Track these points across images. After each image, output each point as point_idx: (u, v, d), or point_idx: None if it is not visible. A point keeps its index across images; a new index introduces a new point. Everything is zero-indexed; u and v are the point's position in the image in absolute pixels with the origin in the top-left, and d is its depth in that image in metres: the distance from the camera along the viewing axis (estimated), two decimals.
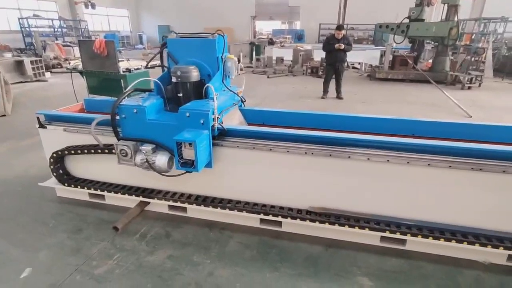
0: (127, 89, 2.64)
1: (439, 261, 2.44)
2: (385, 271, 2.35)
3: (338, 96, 8.25)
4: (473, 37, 11.41)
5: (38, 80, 10.52)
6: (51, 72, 12.06)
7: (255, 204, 2.70)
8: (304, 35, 23.28)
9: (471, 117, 6.52)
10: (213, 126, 2.45)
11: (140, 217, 2.99)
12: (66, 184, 3.13)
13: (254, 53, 15.11)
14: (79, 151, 2.93)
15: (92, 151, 2.87)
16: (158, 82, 2.80)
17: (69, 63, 9.13)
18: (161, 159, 2.53)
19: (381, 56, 13.00)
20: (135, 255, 2.51)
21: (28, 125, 3.62)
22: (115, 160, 2.58)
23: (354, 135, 2.45)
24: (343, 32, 7.82)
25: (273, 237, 2.71)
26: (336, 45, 7.61)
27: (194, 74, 2.71)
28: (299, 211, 2.61)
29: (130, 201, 3.03)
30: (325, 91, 8.37)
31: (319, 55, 11.85)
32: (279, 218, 2.62)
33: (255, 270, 2.36)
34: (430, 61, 11.78)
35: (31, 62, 10.41)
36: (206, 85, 2.67)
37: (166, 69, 2.89)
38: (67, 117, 3.06)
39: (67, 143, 3.00)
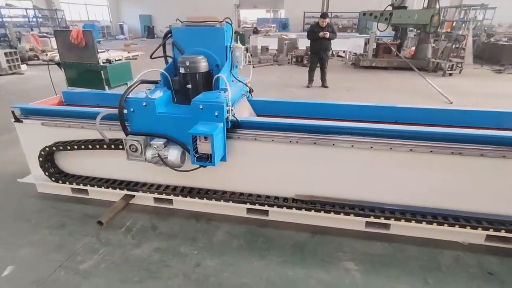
0: (134, 81, 2.52)
1: (421, 243, 2.51)
2: (370, 255, 2.41)
3: (323, 85, 8.28)
4: (454, 24, 11.57)
5: (14, 73, 10.10)
6: (27, 64, 11.60)
7: (241, 193, 2.70)
8: (289, 24, 23.12)
9: (452, 103, 6.67)
10: (227, 118, 2.37)
11: (125, 210, 2.95)
12: (60, 181, 3.02)
13: (238, 42, 14.89)
14: (82, 147, 2.79)
15: (97, 146, 2.75)
16: (165, 73, 2.68)
17: (46, 54, 8.78)
18: (173, 154, 2.44)
19: (365, 44, 13.09)
20: (121, 249, 2.48)
21: (5, 120, 3.47)
22: (101, 154, 2.51)
23: (338, 123, 2.47)
24: (328, 20, 7.80)
25: (260, 226, 2.73)
26: (321, 33, 7.58)
27: (203, 65, 2.59)
28: (285, 199, 2.62)
29: (114, 195, 2.98)
30: (310, 79, 8.38)
31: (304, 43, 11.80)
32: (266, 207, 2.63)
33: (242, 259, 2.37)
34: (413, 48, 11.93)
35: (5, 54, 9.97)
36: (217, 75, 2.57)
37: (171, 60, 2.76)
38: (45, 111, 2.95)
39: (46, 137, 2.89)
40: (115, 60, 5.27)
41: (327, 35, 7.58)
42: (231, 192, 2.72)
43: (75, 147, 2.80)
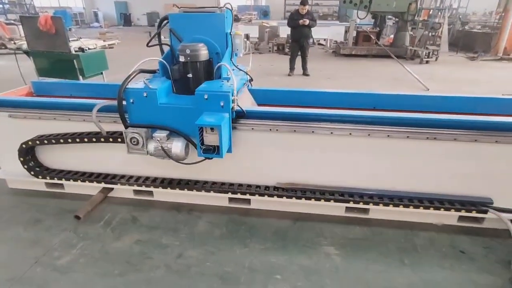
0: (132, 71, 2.37)
1: (398, 226, 2.60)
2: (349, 239, 2.47)
3: (304, 73, 8.29)
4: (430, 12, 11.80)
5: None
6: None
7: (223, 183, 2.69)
8: (270, 11, 22.86)
9: (428, 89, 6.85)
10: (232, 108, 2.28)
11: (104, 203, 2.87)
12: (40, 177, 2.89)
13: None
14: (77, 140, 2.64)
15: (93, 139, 2.62)
16: (164, 62, 2.56)
17: (15, 43, 8.30)
18: (177, 146, 2.35)
19: (346, 32, 13.14)
20: (100, 243, 2.43)
21: None
22: (78, 148, 2.39)
23: (317, 110, 2.48)
24: (307, 7, 7.76)
25: (242, 214, 2.73)
26: (301, 21, 7.55)
27: (204, 53, 2.48)
28: (267, 187, 2.63)
29: (92, 188, 2.89)
30: (292, 68, 8.37)
31: (285, 31, 11.72)
32: (248, 196, 2.63)
33: (225, 247, 2.38)
34: (392, 36, 12.12)
35: None
36: (219, 64, 2.48)
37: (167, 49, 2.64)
38: (12, 102, 2.79)
39: (13, 130, 2.75)
40: (89, 49, 5.03)
41: (307, 22, 7.55)
42: (212, 182, 2.70)
43: (69, 140, 2.66)
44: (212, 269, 2.19)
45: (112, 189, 2.91)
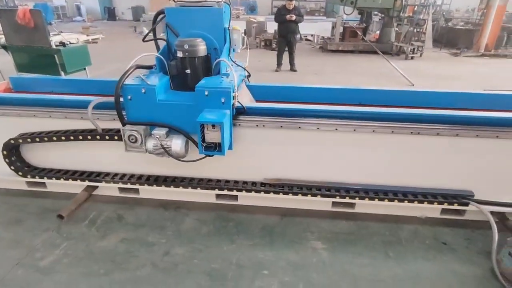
0: (129, 67, 2.29)
1: (383, 219, 2.64)
2: (336, 234, 2.50)
3: (292, 69, 8.30)
4: (415, 8, 11.97)
5: None
6: None
7: (210, 180, 2.67)
8: (257, 7, 22.72)
9: (413, 85, 6.97)
10: (233, 105, 2.25)
11: (88, 202, 2.82)
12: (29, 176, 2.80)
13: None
14: (71, 138, 2.56)
15: (89, 137, 2.55)
16: (161, 57, 2.49)
17: None
18: (177, 144, 2.30)
19: (333, 28, 13.20)
20: (85, 242, 2.38)
21: None
22: (61, 146, 2.31)
23: (304, 106, 2.48)
24: (294, 2, 7.75)
25: (230, 211, 2.72)
26: (287, 16, 7.54)
27: (202, 48, 2.43)
28: (254, 183, 2.63)
29: (75, 187, 2.82)
30: (279, 63, 8.36)
31: (272, 27, 11.67)
32: (235, 192, 2.62)
33: (212, 244, 2.37)
34: (378, 32, 12.24)
35: None
36: (218, 59, 2.43)
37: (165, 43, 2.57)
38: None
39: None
40: (70, 43, 4.88)
41: (294, 17, 7.55)
42: (199, 179, 2.68)
43: (62, 138, 2.57)
44: (199, 266, 2.18)
45: (96, 187, 2.85)
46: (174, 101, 2.31)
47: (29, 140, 2.60)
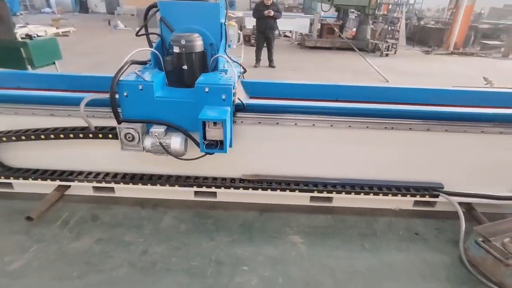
0: (124, 62, 2.19)
1: (360, 212, 2.72)
2: (314, 228, 2.54)
3: (270, 65, 8.32)
4: (389, 7, 12.30)
5: None
6: None
7: (188, 177, 2.63)
8: (235, 2, 22.52)
9: (388, 81, 7.18)
10: (233, 101, 2.21)
11: (60, 202, 2.70)
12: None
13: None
14: (61, 136, 2.42)
15: (80, 135, 2.42)
16: (157, 53, 2.40)
17: None
18: (176, 142, 2.23)
19: (310, 24, 13.33)
20: (57, 244, 2.29)
21: None
22: (26, 145, 2.18)
23: (282, 102, 2.49)
24: None
25: (209, 208, 2.71)
26: (266, 12, 7.54)
27: (199, 44, 2.37)
28: (233, 180, 2.62)
29: (46, 187, 2.70)
30: (258, 59, 8.36)
31: (251, 22, 11.62)
32: (213, 189, 2.61)
33: (191, 242, 2.35)
34: (354, 29, 12.48)
35: None
36: (216, 55, 2.39)
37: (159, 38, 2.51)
38: None
39: None
40: (37, 36, 4.63)
41: (272, 13, 7.56)
42: (177, 176, 2.63)
43: (51, 136, 2.43)
44: (178, 264, 2.15)
45: (69, 186, 2.74)
46: (172, 98, 2.24)
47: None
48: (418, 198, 2.63)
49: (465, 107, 2.57)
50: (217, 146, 2.14)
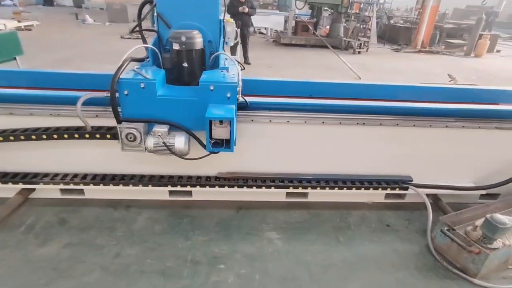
0: (123, 59, 2.08)
1: (334, 207, 2.78)
2: (290, 223, 2.57)
3: (245, 62, 8.30)
4: (361, 6, 12.63)
5: None
6: None
7: (162, 176, 2.57)
8: None
9: (360, 78, 7.38)
10: (238, 99, 2.17)
11: (24, 206, 2.56)
12: None
13: (155, 14, 13.77)
14: (54, 136, 2.28)
15: (76, 136, 2.29)
16: (156, 49, 2.32)
17: None
18: (180, 141, 2.17)
19: (285, 21, 13.43)
20: (21, 251, 2.16)
21: None
22: None
23: (256, 98, 2.49)
24: None
25: (184, 207, 2.66)
26: (240, 8, 7.50)
27: (199, 41, 2.32)
28: (208, 178, 2.59)
29: (7, 190, 2.54)
30: (232, 56, 8.30)
31: None
32: (188, 188, 2.56)
33: (166, 243, 2.30)
34: (328, 27, 12.71)
35: None
36: (217, 53, 2.38)
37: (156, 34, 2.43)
38: None
39: None
40: None
41: (246, 9, 7.53)
42: (150, 175, 2.57)
43: (43, 136, 2.29)
44: (152, 266, 2.10)
45: (33, 189, 2.59)
46: (175, 97, 2.17)
47: None
48: (389, 191, 2.73)
49: (431, 103, 2.69)
50: (222, 145, 2.12)
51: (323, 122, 2.45)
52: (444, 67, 9.41)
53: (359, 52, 11.00)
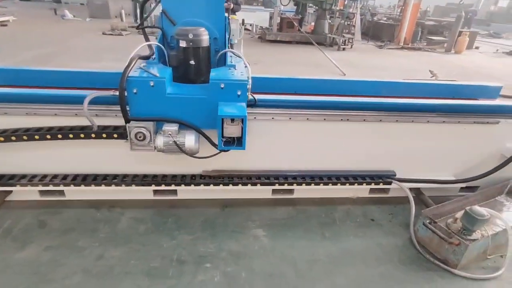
0: (132, 57, 2.03)
1: (319, 203, 2.80)
2: (276, 220, 2.57)
3: None
4: (345, 2, 12.73)
5: None
6: None
7: (145, 175, 2.53)
8: None
9: (345, 74, 7.44)
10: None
11: (1, 210, 2.46)
12: None
13: (138, 11, 13.50)
14: (59, 136, 2.19)
15: (81, 135, 2.22)
16: (162, 47, 2.27)
17: None
18: (190, 139, 2.14)
19: (270, 18, 13.39)
20: None
21: None
22: None
23: None
24: None
25: (169, 206, 2.62)
26: (225, 4, 7.41)
27: (206, 38, 2.30)
28: (193, 176, 2.56)
29: None
30: None
31: None
32: (173, 187, 2.53)
33: (150, 243, 2.26)
34: (313, 24, 12.76)
35: None
36: (224, 50, 2.38)
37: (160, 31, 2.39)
38: None
39: None
40: None
41: (231, 6, 7.45)
42: (134, 175, 2.52)
43: (48, 136, 2.20)
44: (137, 267, 2.07)
45: (10, 192, 2.50)
46: (184, 95, 2.13)
47: None
48: (373, 186, 2.76)
49: (413, 99, 2.74)
50: (233, 143, 2.11)
51: (307, 119, 2.45)
52: (426, 63, 9.61)
53: (343, 49, 11.10)
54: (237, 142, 2.12)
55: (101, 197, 2.63)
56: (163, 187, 2.53)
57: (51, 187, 2.44)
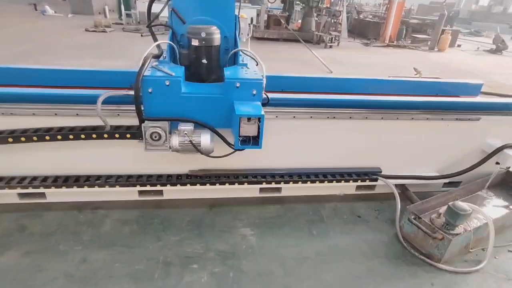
0: (146, 56, 1.98)
1: (307, 200, 2.80)
2: (264, 219, 2.56)
3: None
4: (332, 0, 12.79)
5: None
6: None
7: (130, 176, 2.47)
8: None
9: (332, 72, 7.49)
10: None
11: None
12: None
13: (123, 7, 13.23)
14: (70, 136, 2.14)
15: (93, 136, 2.18)
16: (174, 45, 2.26)
17: None
18: (206, 139, 2.12)
19: (257, 15, 13.35)
20: None
21: None
22: None
23: None
24: None
25: (155, 207, 2.58)
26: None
27: (218, 37, 2.27)
28: (179, 176, 2.52)
29: None
30: None
31: None
32: (159, 187, 2.48)
33: (136, 245, 2.21)
34: (300, 21, 12.78)
35: None
36: (236, 49, 2.39)
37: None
38: None
39: None
40: None
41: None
42: (118, 176, 2.45)
43: (58, 137, 2.15)
44: (122, 270, 2.02)
45: None
46: (199, 94, 2.08)
47: None
48: (359, 183, 2.79)
49: (398, 96, 2.77)
50: (249, 142, 2.10)
51: (294, 117, 2.44)
52: (410, 60, 9.77)
53: (330, 46, 11.16)
54: (254, 141, 2.12)
55: (84, 199, 2.56)
56: (148, 188, 2.48)
57: (30, 190, 2.35)
